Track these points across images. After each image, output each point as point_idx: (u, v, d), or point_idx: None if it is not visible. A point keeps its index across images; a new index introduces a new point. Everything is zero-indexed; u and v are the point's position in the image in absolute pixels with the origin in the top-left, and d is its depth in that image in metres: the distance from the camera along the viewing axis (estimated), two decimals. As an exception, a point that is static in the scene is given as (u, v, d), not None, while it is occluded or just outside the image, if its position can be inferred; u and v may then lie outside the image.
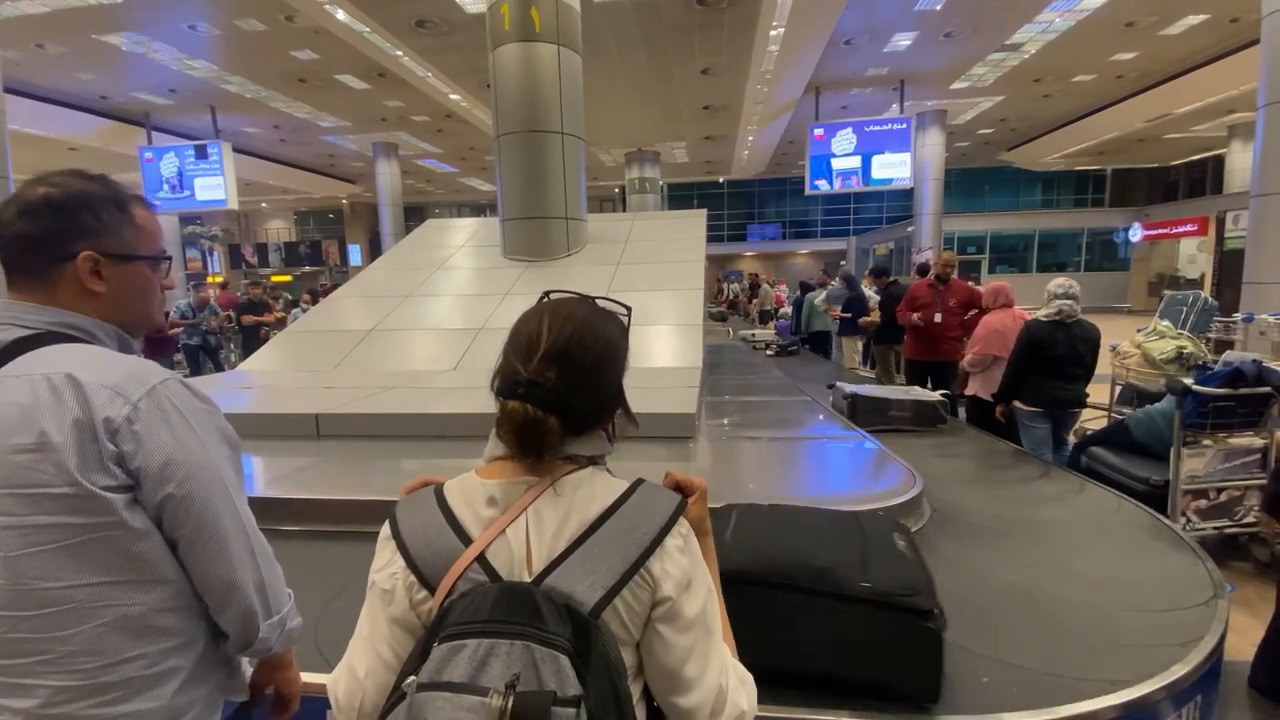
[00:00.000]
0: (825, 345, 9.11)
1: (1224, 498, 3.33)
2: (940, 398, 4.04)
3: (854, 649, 1.40)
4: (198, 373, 8.73)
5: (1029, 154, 21.79)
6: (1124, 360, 4.85)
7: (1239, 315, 5.56)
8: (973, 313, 5.16)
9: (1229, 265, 15.18)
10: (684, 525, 0.78)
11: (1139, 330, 5.04)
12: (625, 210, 19.52)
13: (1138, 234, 21.76)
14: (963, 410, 4.66)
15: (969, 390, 4.51)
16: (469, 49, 10.24)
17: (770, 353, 7.87)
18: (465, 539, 0.75)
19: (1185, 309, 5.77)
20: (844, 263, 27.50)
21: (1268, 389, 3.25)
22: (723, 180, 27.91)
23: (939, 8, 10.22)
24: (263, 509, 0.99)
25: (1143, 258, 22.03)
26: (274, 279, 23.44)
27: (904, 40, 11.65)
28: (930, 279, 5.67)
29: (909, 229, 19.14)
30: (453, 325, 5.07)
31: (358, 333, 5.08)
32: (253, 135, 16.84)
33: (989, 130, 19.26)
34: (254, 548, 0.95)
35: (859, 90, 14.60)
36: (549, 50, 5.50)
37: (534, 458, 0.78)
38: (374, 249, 24.95)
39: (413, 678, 0.65)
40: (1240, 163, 17.09)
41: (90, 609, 0.83)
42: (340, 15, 9.52)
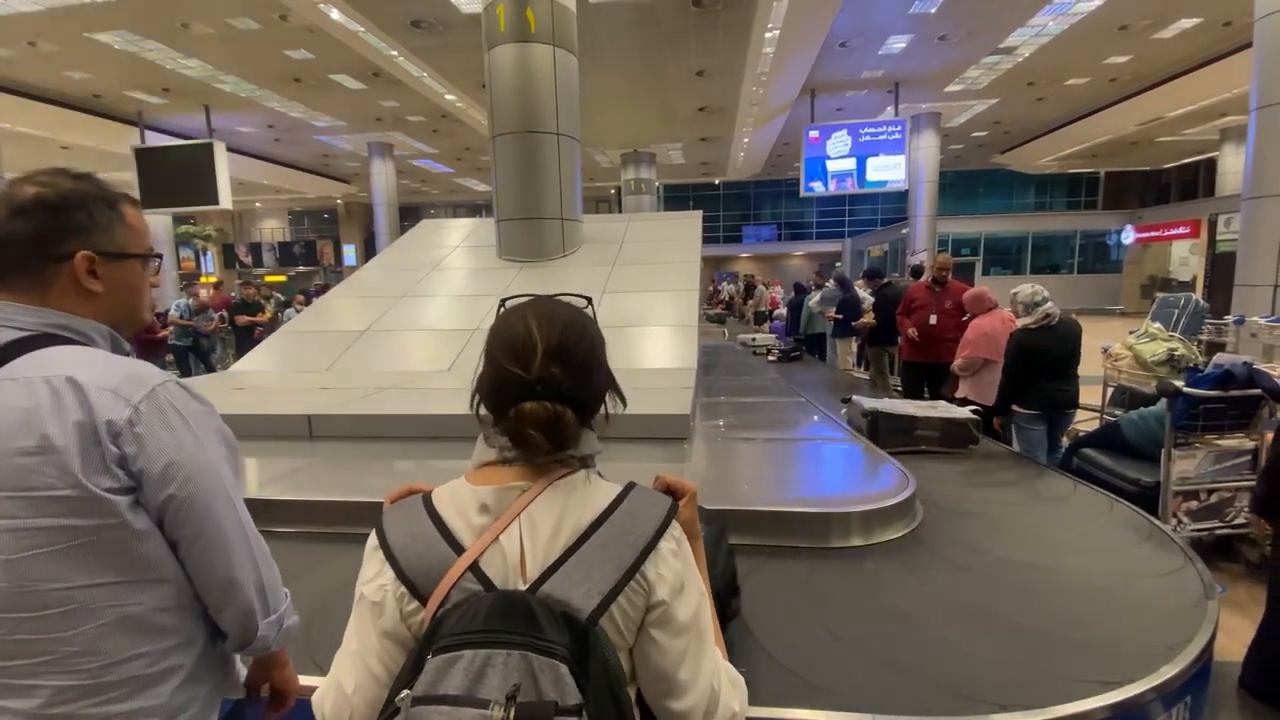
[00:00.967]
0: (823, 348, 9.11)
1: (1215, 499, 3.35)
2: (972, 415, 3.56)
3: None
4: (187, 374, 8.68)
5: (1023, 156, 21.92)
6: (1116, 362, 4.87)
7: (1230, 318, 5.60)
8: (968, 315, 5.19)
9: (1221, 268, 15.26)
10: (676, 529, 0.78)
11: (1131, 332, 5.06)
12: (621, 211, 19.52)
13: (1130, 236, 21.90)
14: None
15: (959, 393, 4.56)
16: (464, 49, 10.20)
17: (772, 358, 7.29)
18: (457, 548, 0.73)
19: (1177, 311, 5.78)
20: (839, 264, 27.59)
21: (1258, 391, 3.27)
22: (718, 182, 27.92)
23: (933, 11, 10.28)
24: (255, 511, 0.99)
25: (1135, 260, 22.16)
26: (268, 279, 23.34)
27: (899, 43, 11.70)
28: (927, 281, 5.70)
29: (904, 231, 19.22)
30: (448, 326, 5.06)
31: (352, 333, 5.06)
32: (247, 135, 16.76)
33: (983, 133, 19.37)
34: (253, 547, 0.96)
35: (854, 93, 14.67)
36: (544, 51, 5.50)
37: (541, 456, 0.77)
38: (369, 249, 24.89)
39: (407, 691, 0.64)
40: (1232, 166, 17.24)
41: (92, 609, 0.83)
42: (335, 14, 9.50)
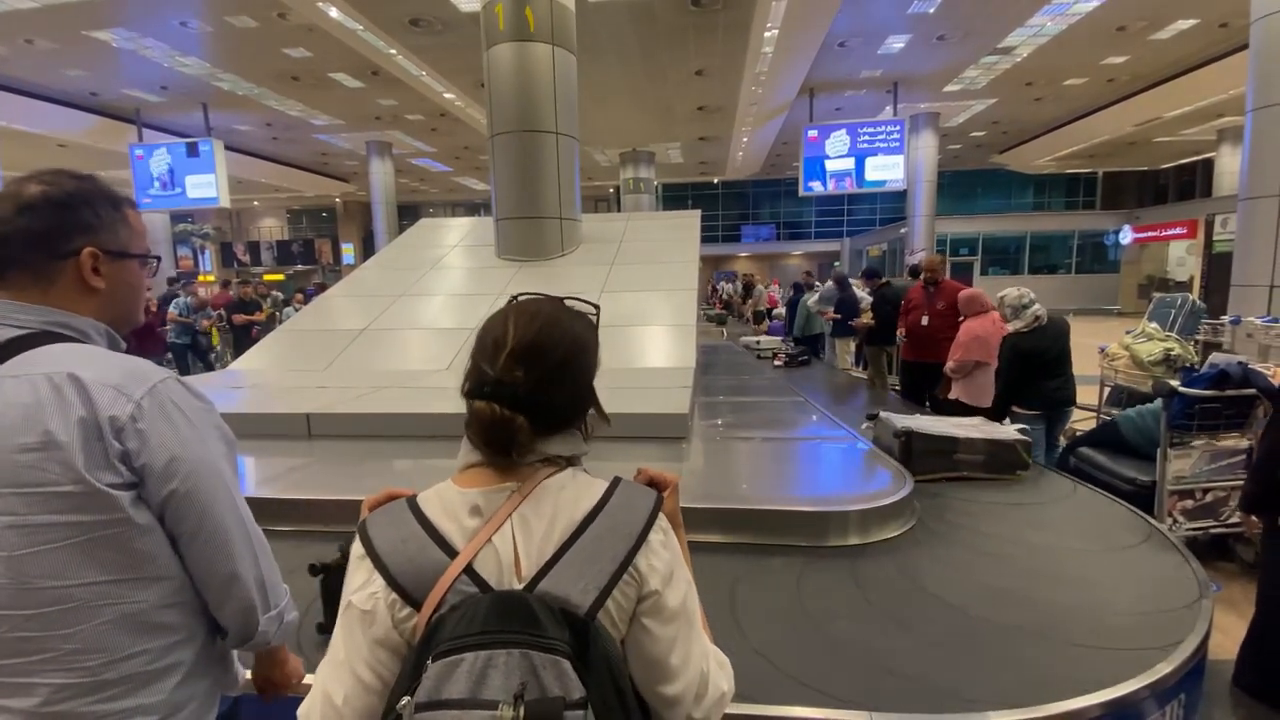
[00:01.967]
0: (820, 348, 9.11)
1: (1210, 498, 3.37)
2: (1021, 436, 3.09)
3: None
4: (186, 373, 8.67)
5: (1021, 156, 21.96)
6: (1113, 362, 4.90)
7: (1226, 318, 5.61)
8: (962, 316, 5.21)
9: (1217, 268, 15.30)
10: (663, 520, 0.79)
11: (1128, 332, 5.08)
12: (620, 210, 19.52)
13: (1128, 236, 21.95)
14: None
15: (951, 394, 4.56)
16: (463, 48, 10.20)
17: (779, 363, 6.70)
18: (450, 551, 0.72)
19: (1174, 311, 5.79)
20: (838, 263, 27.59)
21: (1253, 391, 3.29)
22: (717, 181, 27.93)
23: (932, 11, 10.29)
24: (254, 509, 0.99)
25: (1132, 260, 22.22)
26: (266, 278, 23.31)
27: (897, 43, 11.72)
28: (922, 282, 5.73)
29: (902, 230, 19.23)
30: (446, 325, 5.06)
31: (350, 332, 5.06)
32: (245, 133, 16.73)
33: (981, 133, 19.39)
34: (253, 543, 0.97)
35: (853, 92, 14.68)
36: (544, 50, 5.50)
37: (504, 459, 0.77)
38: (368, 248, 24.88)
39: (407, 698, 0.63)
40: (1229, 166, 17.28)
41: (93, 606, 0.83)
42: (333, 13, 9.48)
